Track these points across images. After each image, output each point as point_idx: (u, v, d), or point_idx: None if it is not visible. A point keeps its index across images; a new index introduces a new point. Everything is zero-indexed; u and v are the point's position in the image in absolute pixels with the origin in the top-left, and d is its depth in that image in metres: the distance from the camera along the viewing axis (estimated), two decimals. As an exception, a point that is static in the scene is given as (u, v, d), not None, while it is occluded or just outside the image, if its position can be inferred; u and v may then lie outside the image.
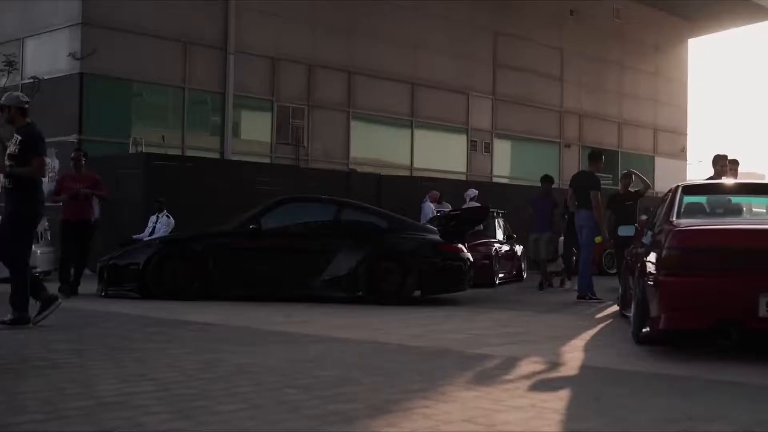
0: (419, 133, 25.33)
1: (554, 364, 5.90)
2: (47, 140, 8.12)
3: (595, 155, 12.49)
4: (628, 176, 13.76)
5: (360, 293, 10.99)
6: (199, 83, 20.57)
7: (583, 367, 5.83)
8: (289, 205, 11.89)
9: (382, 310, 10.04)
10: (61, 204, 11.63)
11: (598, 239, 11.94)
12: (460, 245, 11.63)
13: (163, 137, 19.24)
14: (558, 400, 4.59)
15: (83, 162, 11.80)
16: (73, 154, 12.04)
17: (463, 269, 11.43)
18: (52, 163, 17.16)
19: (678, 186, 7.74)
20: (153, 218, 15.39)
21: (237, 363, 5.68)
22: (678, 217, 6.99)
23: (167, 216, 15.29)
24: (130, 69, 19.16)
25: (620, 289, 9.76)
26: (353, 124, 23.74)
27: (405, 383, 5.01)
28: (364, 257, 10.98)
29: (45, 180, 8.27)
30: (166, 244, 11.38)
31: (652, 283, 6.34)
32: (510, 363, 5.93)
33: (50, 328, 7.52)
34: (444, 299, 11.59)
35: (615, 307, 10.44)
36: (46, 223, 13.90)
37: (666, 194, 8.20)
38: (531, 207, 14.99)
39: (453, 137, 26.62)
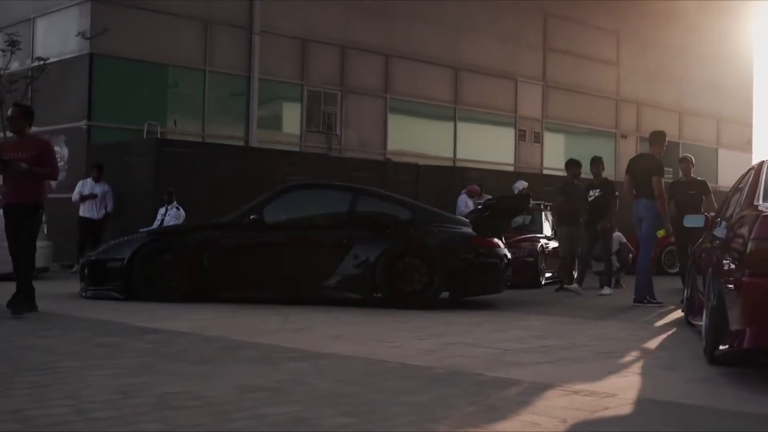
0: (463, 122, 23.92)
1: (599, 396, 4.46)
2: (55, 126, 6.67)
3: (657, 136, 11.02)
4: (685, 160, 12.64)
5: (378, 294, 9.54)
6: (222, 66, 19.20)
7: (639, 401, 4.41)
8: (297, 193, 10.37)
9: (401, 314, 8.64)
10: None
11: (661, 233, 10.36)
12: (496, 239, 10.09)
13: (174, 121, 17.89)
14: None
15: (22, 120, 8.18)
16: (10, 111, 8.36)
17: (499, 267, 9.94)
18: (61, 151, 16.08)
19: (763, 162, 6.15)
20: (162, 210, 14.41)
21: (165, 392, 4.30)
22: (765, 200, 5.47)
23: (177, 208, 14.29)
24: (144, 50, 17.86)
25: (685, 292, 8.57)
26: (390, 111, 22.34)
27: (383, 428, 3.65)
28: (383, 252, 9.49)
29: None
30: (154, 238, 9.97)
31: (732, 286, 4.99)
32: (539, 393, 4.53)
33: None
34: (477, 302, 10.14)
35: (679, 313, 9.23)
36: (44, 216, 12.54)
37: (745, 174, 6.64)
38: (562, 195, 13.26)
39: (500, 126, 25.17)
